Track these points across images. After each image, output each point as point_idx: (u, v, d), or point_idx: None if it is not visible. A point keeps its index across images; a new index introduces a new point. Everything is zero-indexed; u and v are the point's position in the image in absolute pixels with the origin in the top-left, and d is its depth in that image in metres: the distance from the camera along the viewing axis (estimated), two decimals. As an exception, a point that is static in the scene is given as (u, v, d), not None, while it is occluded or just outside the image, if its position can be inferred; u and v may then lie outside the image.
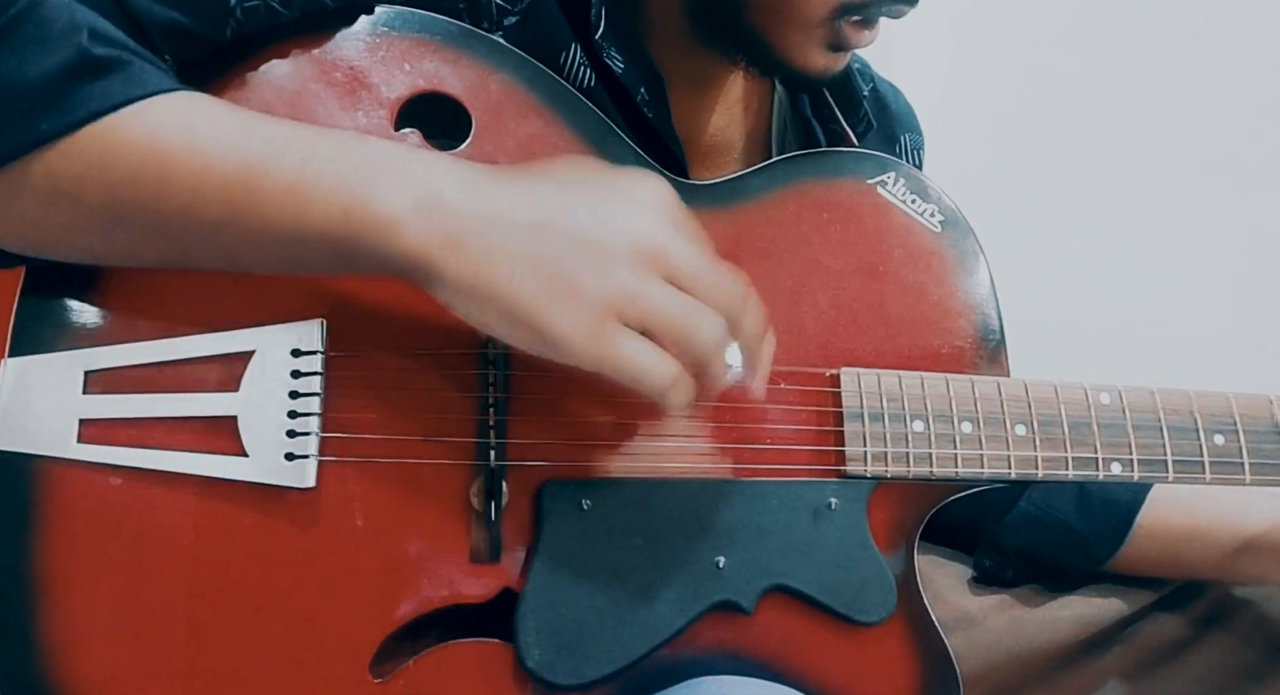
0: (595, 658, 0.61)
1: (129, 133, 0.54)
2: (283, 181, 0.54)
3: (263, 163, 0.54)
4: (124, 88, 0.55)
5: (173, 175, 0.54)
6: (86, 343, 0.60)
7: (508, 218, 0.54)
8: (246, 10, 0.61)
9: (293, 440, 0.60)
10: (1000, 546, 0.84)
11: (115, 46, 0.55)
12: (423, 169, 0.55)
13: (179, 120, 0.55)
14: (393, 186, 0.54)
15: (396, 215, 0.54)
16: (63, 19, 0.54)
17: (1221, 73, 1.49)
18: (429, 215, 0.54)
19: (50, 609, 0.57)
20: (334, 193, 0.54)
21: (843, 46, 0.70)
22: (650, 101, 0.73)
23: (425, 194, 0.54)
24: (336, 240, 0.55)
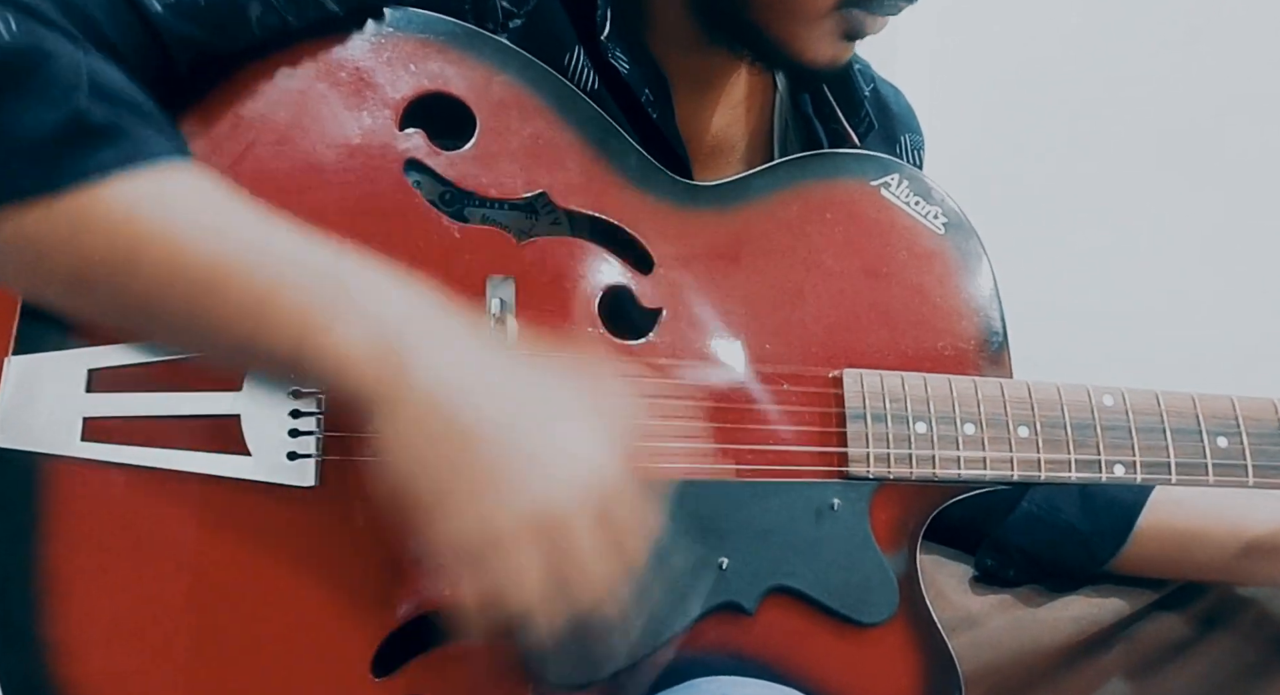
0: (597, 658, 0.61)
1: (107, 207, 0.53)
2: (249, 293, 0.53)
3: (233, 271, 0.53)
4: (113, 157, 0.53)
5: (143, 259, 0.53)
6: (90, 341, 0.60)
7: (449, 409, 0.52)
8: (264, 26, 0.62)
9: (295, 439, 0.60)
10: (1003, 546, 0.84)
11: (117, 105, 0.54)
12: (394, 314, 0.54)
13: (161, 202, 0.54)
14: (353, 326, 0.53)
15: (348, 355, 0.53)
16: (68, 75, 0.53)
17: (1222, 72, 1.49)
18: (378, 367, 0.53)
19: (53, 607, 0.57)
20: (295, 318, 0.53)
21: (856, 34, 0.70)
22: (655, 102, 0.73)
23: (382, 344, 0.53)
24: (286, 359, 0.54)
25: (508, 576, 0.51)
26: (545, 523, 0.52)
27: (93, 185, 0.53)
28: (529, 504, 0.51)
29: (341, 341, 0.53)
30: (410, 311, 0.54)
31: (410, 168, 0.64)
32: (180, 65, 0.61)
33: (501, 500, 0.51)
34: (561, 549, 0.52)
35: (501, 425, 0.53)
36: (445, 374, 0.53)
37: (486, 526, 0.51)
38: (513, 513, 0.51)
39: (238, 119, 0.62)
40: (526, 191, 0.66)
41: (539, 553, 0.52)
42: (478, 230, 0.65)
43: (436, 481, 0.52)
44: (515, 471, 0.52)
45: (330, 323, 0.53)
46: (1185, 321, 1.48)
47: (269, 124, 0.63)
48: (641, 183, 0.69)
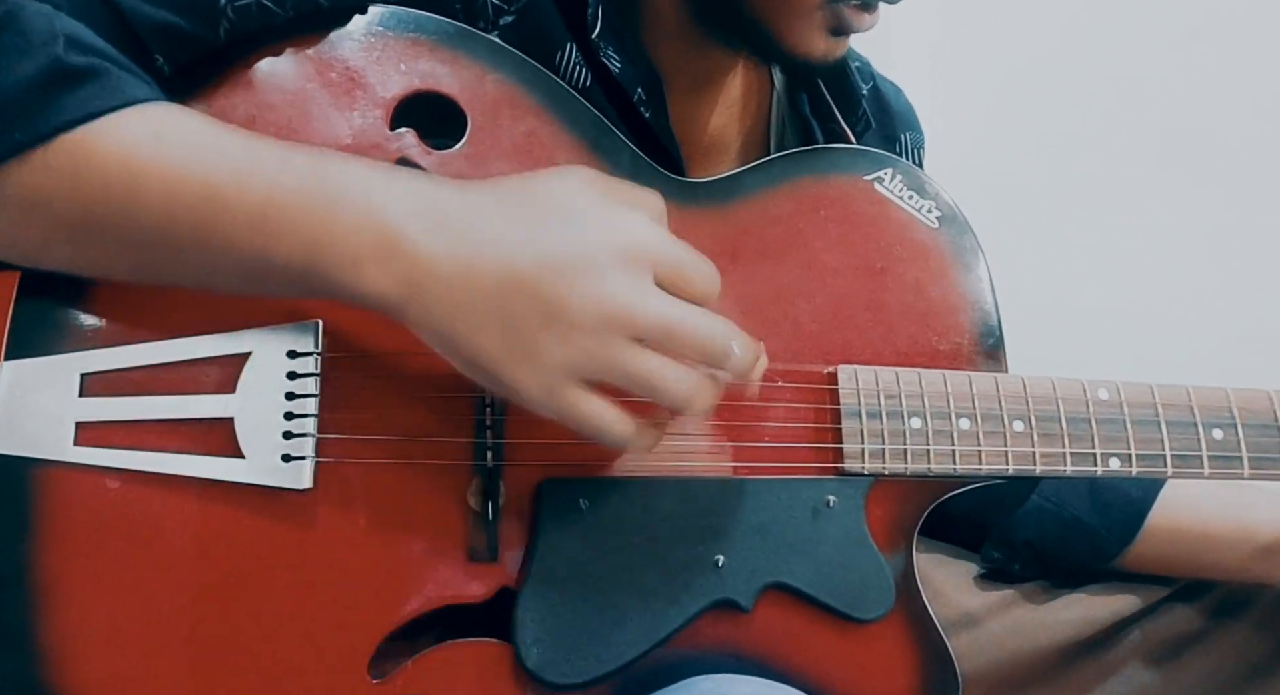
0: (594, 657, 0.61)
1: (101, 146, 0.54)
2: (249, 208, 0.54)
3: (230, 184, 0.54)
4: (98, 98, 0.54)
5: (143, 191, 0.54)
6: (83, 345, 0.60)
7: (471, 271, 0.54)
8: (238, 9, 0.61)
9: (289, 442, 0.60)
10: (1010, 539, 0.83)
11: (93, 54, 0.55)
12: (390, 204, 0.54)
13: (152, 133, 0.55)
14: (357, 226, 0.54)
15: (359, 257, 0.53)
16: (41, 27, 0.54)
17: (1221, 71, 1.48)
18: (390, 260, 0.53)
19: (48, 612, 0.57)
20: (298, 226, 0.54)
21: (843, 30, 0.70)
22: (647, 101, 0.73)
23: (386, 235, 0.53)
24: (299, 272, 0.54)
25: (619, 370, 0.54)
26: (615, 316, 0.53)
27: (84, 126, 0.54)
28: (593, 310, 0.53)
29: (348, 247, 0.53)
30: (403, 195, 0.55)
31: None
32: (160, 57, 0.60)
33: (567, 319, 0.53)
34: (641, 325, 0.54)
35: (527, 257, 0.54)
36: (455, 241, 0.54)
37: (569, 348, 0.53)
38: (584, 325, 0.53)
39: (227, 119, 0.61)
40: (519, 190, 0.66)
41: (628, 336, 0.54)
42: (470, 230, 0.65)
43: (500, 336, 0.53)
44: (563, 289, 0.53)
45: (332, 230, 0.53)
46: (1181, 315, 1.49)
47: (259, 124, 0.62)
48: (634, 180, 0.69)
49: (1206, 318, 1.48)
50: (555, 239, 0.55)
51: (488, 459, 0.62)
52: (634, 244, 0.56)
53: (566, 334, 0.53)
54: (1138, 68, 1.51)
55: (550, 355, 0.53)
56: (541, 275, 0.54)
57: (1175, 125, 1.50)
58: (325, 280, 0.54)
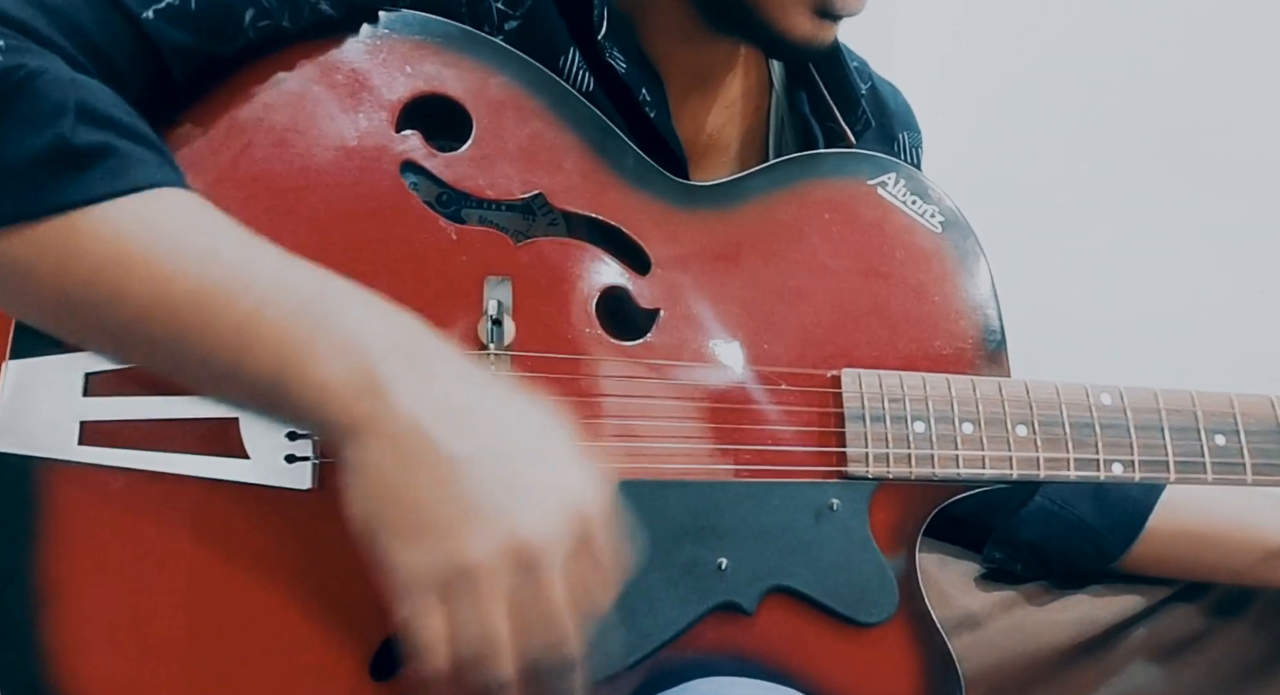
0: (596, 659, 0.61)
1: (94, 232, 0.52)
2: (231, 322, 0.52)
3: (218, 298, 0.52)
4: (100, 183, 0.53)
5: (128, 288, 0.52)
6: (87, 345, 0.60)
7: (428, 440, 0.51)
8: (258, 29, 0.61)
9: (293, 442, 0.60)
10: (1013, 540, 0.84)
11: (104, 129, 0.53)
12: (377, 344, 0.52)
13: (148, 227, 0.53)
14: (334, 355, 0.52)
15: (326, 384, 0.52)
16: (55, 97, 0.52)
17: (1221, 71, 1.49)
18: (357, 396, 0.51)
19: (51, 611, 0.57)
20: (276, 346, 0.52)
21: (829, 13, 0.70)
22: (652, 102, 0.73)
23: (361, 374, 0.51)
24: (266, 390, 0.53)
25: (473, 611, 0.50)
26: (517, 555, 0.50)
27: (78, 211, 0.52)
28: (503, 535, 0.50)
29: (321, 371, 0.51)
30: (394, 341, 0.53)
31: (407, 169, 0.64)
32: (176, 73, 0.60)
33: (473, 530, 0.50)
34: (531, 583, 0.51)
35: (479, 453, 0.51)
36: (425, 403, 0.52)
37: (455, 557, 0.50)
38: (484, 544, 0.50)
39: (234, 122, 0.62)
40: (523, 192, 0.66)
41: (507, 586, 0.50)
42: (475, 231, 0.65)
43: (409, 508, 0.51)
44: (489, 502, 0.51)
45: (310, 351, 0.52)
46: (1184, 320, 1.49)
47: (265, 127, 0.62)
48: (639, 183, 0.69)
49: (1210, 322, 1.48)
50: (518, 454, 0.53)
51: (491, 461, 0.62)
52: (584, 505, 0.53)
53: (470, 541, 0.50)
54: (1139, 69, 1.52)
55: (440, 550, 0.50)
56: (486, 477, 0.51)
57: (1178, 127, 1.50)
58: (288, 401, 0.53)
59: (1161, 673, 0.82)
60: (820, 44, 0.72)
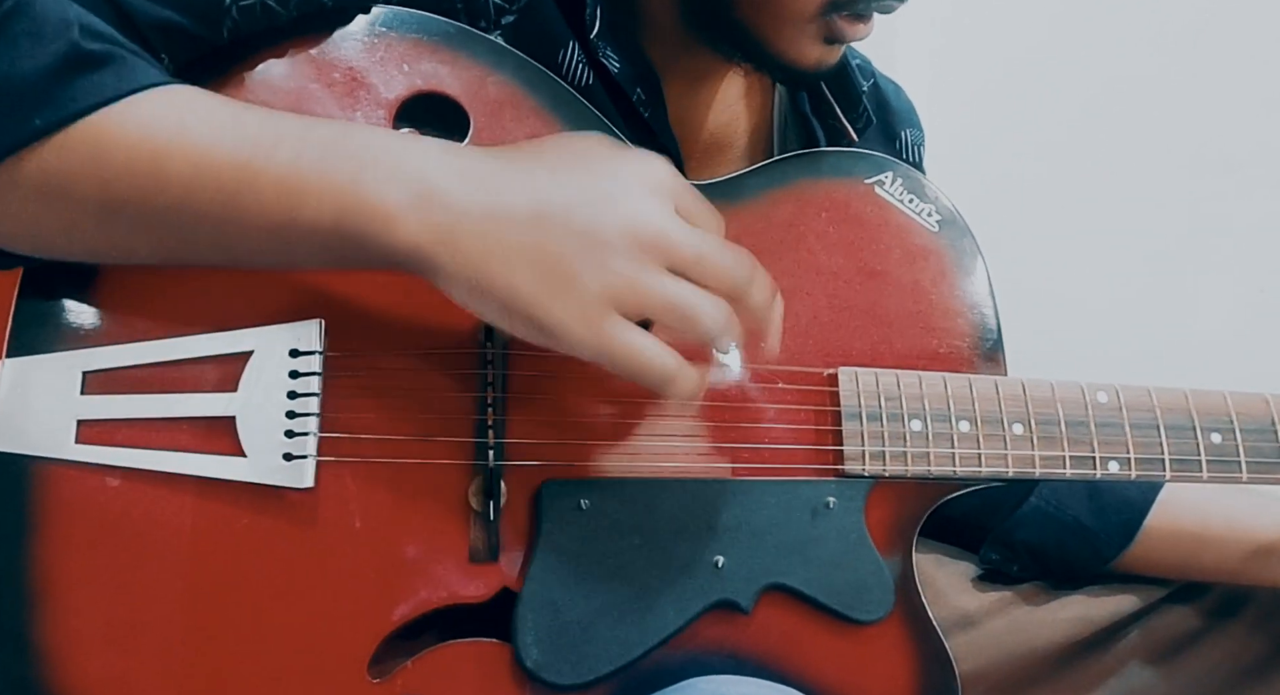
0: (594, 657, 0.61)
1: (122, 127, 0.54)
2: (276, 175, 0.54)
3: (256, 156, 0.54)
4: (116, 81, 0.54)
5: (167, 169, 0.54)
6: (84, 343, 0.60)
7: (503, 210, 0.54)
8: (242, 9, 0.61)
9: (291, 440, 0.60)
10: (1009, 541, 0.84)
11: (107, 41, 0.55)
12: (417, 159, 0.55)
13: (172, 113, 0.55)
14: (386, 179, 0.54)
15: (390, 210, 0.53)
16: (55, 14, 0.54)
17: (1221, 71, 1.49)
18: (423, 209, 0.53)
19: (48, 611, 0.57)
20: (327, 187, 0.54)
21: (837, 39, 0.70)
22: (646, 101, 0.73)
23: (419, 187, 0.54)
24: (331, 234, 0.54)
25: (653, 297, 0.54)
26: (648, 239, 0.54)
27: (102, 110, 0.54)
28: (627, 234, 0.54)
29: (378, 202, 0.53)
30: (428, 152, 0.56)
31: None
32: (162, 53, 0.60)
33: (601, 247, 0.53)
34: (675, 251, 0.55)
35: (556, 194, 0.54)
36: (484, 187, 0.54)
37: (607, 274, 0.53)
38: (618, 250, 0.53)
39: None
40: (521, 191, 0.66)
41: (663, 263, 0.54)
42: (472, 230, 0.65)
43: (537, 273, 0.53)
44: (594, 219, 0.54)
45: (362, 188, 0.54)
46: (1180, 319, 1.49)
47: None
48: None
49: (1206, 321, 1.48)
50: (582, 176, 0.56)
51: (489, 459, 0.62)
52: (656, 178, 0.57)
53: (603, 262, 0.53)
54: (1139, 68, 1.52)
55: (588, 286, 0.53)
56: (573, 207, 0.54)
57: (1176, 127, 1.50)
58: (357, 238, 0.54)
59: (1158, 672, 0.82)
60: (827, 68, 0.73)
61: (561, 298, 0.53)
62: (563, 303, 0.53)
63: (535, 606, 0.61)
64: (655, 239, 0.54)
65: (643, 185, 0.56)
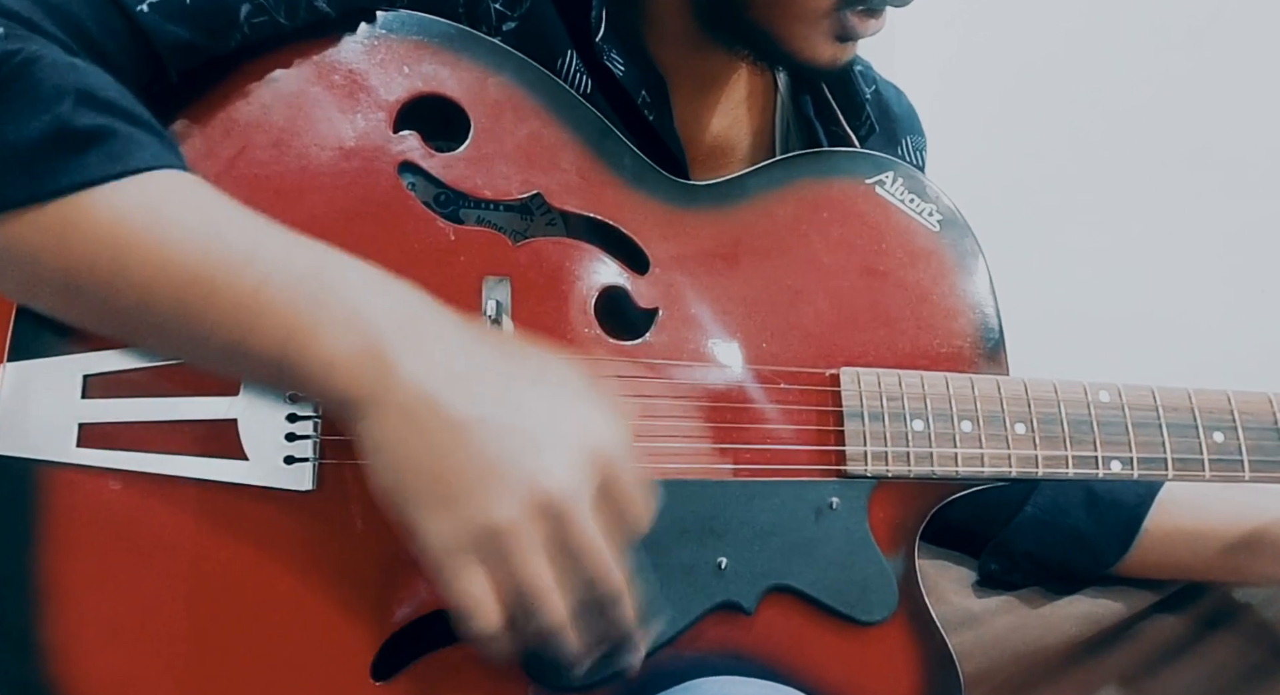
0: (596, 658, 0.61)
1: (93, 215, 0.53)
2: (235, 299, 0.53)
3: (219, 274, 0.53)
4: (100, 165, 0.53)
5: (129, 268, 0.53)
6: (86, 347, 0.60)
7: (437, 404, 0.52)
8: (254, 26, 0.62)
9: (292, 444, 0.60)
10: (1008, 550, 0.83)
11: (104, 112, 0.54)
12: (380, 315, 0.53)
13: (147, 208, 0.54)
14: (340, 327, 0.52)
15: (333, 358, 0.52)
16: (53, 80, 0.53)
17: (1221, 72, 1.49)
18: (365, 367, 0.52)
19: (51, 613, 0.57)
20: (281, 321, 0.53)
21: (849, 36, 0.70)
22: (651, 104, 0.73)
23: (370, 344, 0.52)
24: (273, 364, 0.53)
25: (512, 565, 0.51)
26: (544, 507, 0.51)
27: (80, 193, 0.53)
28: (525, 490, 0.51)
29: (326, 345, 0.52)
30: (396, 312, 0.54)
31: (405, 170, 0.64)
32: (171, 70, 0.61)
33: (496, 489, 0.51)
34: (564, 527, 0.51)
35: (491, 412, 0.52)
36: (431, 370, 0.52)
37: (484, 518, 0.51)
38: (510, 500, 0.51)
39: (232, 123, 0.62)
40: (521, 192, 0.66)
41: (541, 536, 0.51)
42: (473, 231, 0.65)
43: (430, 476, 0.51)
44: (507, 458, 0.51)
45: (315, 326, 0.52)
46: (1182, 318, 1.49)
47: (263, 127, 0.63)
48: (637, 183, 0.69)
49: (1207, 320, 1.48)
50: (528, 409, 0.53)
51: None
52: (600, 445, 0.53)
53: (494, 503, 0.51)
54: (1140, 71, 1.52)
55: (467, 514, 0.51)
56: (500, 437, 0.52)
57: (1177, 128, 1.50)
58: (297, 373, 0.53)
59: (1163, 672, 0.82)
60: (841, 65, 0.72)
61: (437, 513, 0.51)
62: (435, 518, 0.51)
63: (538, 608, 0.61)
64: (554, 509, 0.51)
65: (581, 448, 0.53)
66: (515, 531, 0.51)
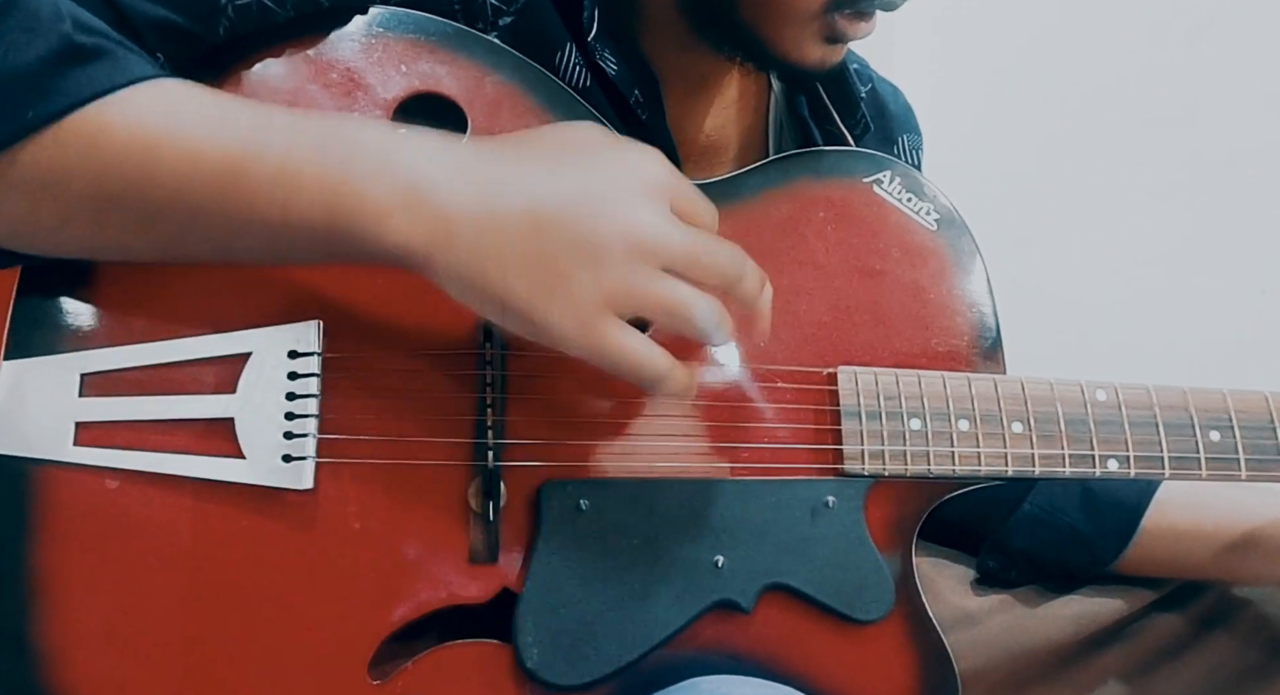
0: (594, 658, 0.61)
1: (115, 120, 0.54)
2: (267, 170, 0.54)
3: (247, 150, 0.54)
4: (109, 75, 0.54)
5: (159, 163, 0.54)
6: (82, 345, 0.60)
7: (497, 213, 0.54)
8: (238, 8, 0.61)
9: (290, 442, 0.60)
10: (1005, 548, 0.84)
11: (99, 35, 0.55)
12: (408, 157, 0.55)
13: (164, 107, 0.55)
14: (375, 178, 0.54)
15: (382, 208, 0.53)
16: (48, 8, 0.54)
17: (1221, 71, 1.49)
18: (414, 209, 0.53)
19: (46, 612, 0.57)
20: (317, 184, 0.54)
21: (839, 38, 0.70)
22: (644, 103, 0.73)
23: (410, 186, 0.54)
24: (323, 230, 0.54)
25: (649, 296, 0.54)
26: (641, 245, 0.54)
27: (96, 103, 0.54)
28: (620, 241, 0.54)
29: (370, 201, 0.53)
30: (417, 149, 0.55)
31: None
32: (156, 51, 0.60)
33: (597, 252, 0.53)
34: (670, 252, 0.55)
35: (550, 193, 0.54)
36: (475, 184, 0.54)
37: (601, 279, 0.53)
38: (613, 256, 0.54)
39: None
40: (519, 191, 0.66)
41: (656, 266, 0.55)
42: (470, 231, 0.65)
43: (530, 277, 0.53)
44: (590, 223, 0.54)
45: (353, 186, 0.53)
46: (1178, 317, 1.49)
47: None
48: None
49: (1204, 320, 1.48)
50: (577, 175, 0.56)
51: (489, 460, 0.62)
52: (651, 176, 0.57)
53: (598, 264, 0.53)
54: (1139, 67, 1.52)
55: (582, 288, 0.53)
56: (567, 209, 0.54)
57: (1173, 126, 1.50)
58: (349, 236, 0.54)
59: (1161, 671, 0.82)
60: (831, 67, 0.72)
61: (557, 300, 0.53)
62: (559, 305, 0.54)
63: (535, 607, 0.61)
64: (650, 243, 0.55)
65: (638, 185, 0.56)
66: (633, 277, 0.54)
